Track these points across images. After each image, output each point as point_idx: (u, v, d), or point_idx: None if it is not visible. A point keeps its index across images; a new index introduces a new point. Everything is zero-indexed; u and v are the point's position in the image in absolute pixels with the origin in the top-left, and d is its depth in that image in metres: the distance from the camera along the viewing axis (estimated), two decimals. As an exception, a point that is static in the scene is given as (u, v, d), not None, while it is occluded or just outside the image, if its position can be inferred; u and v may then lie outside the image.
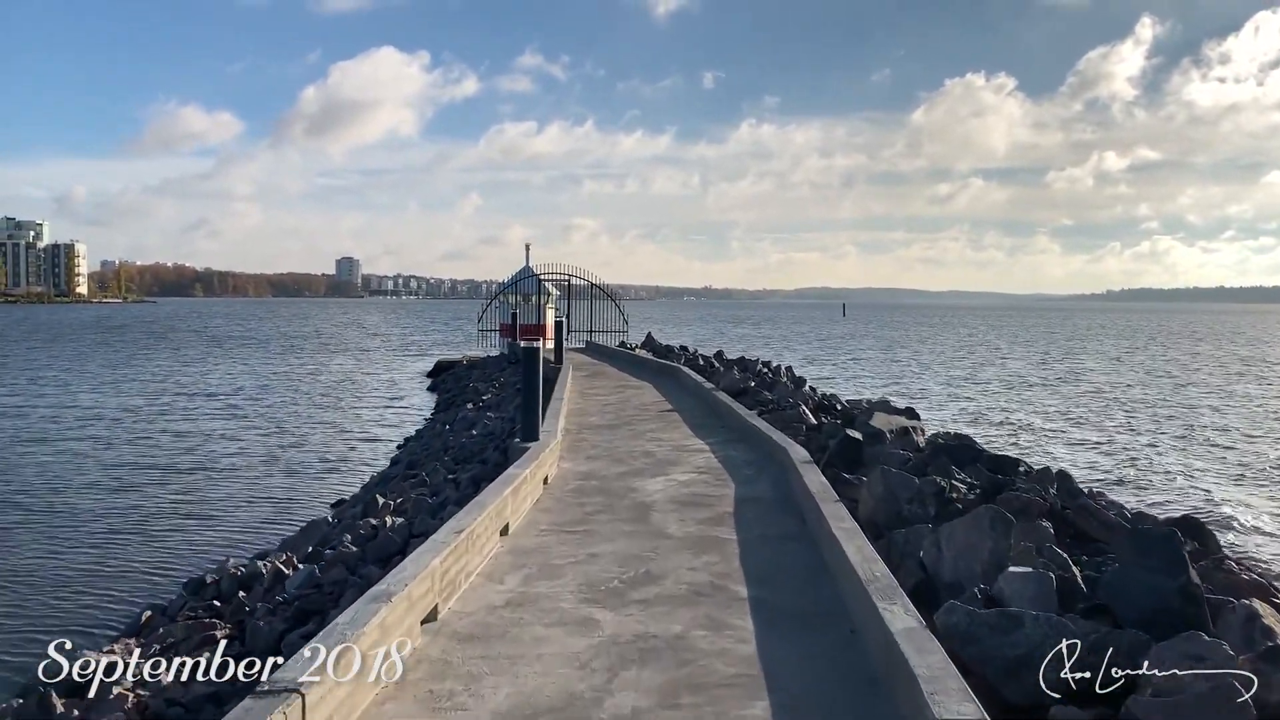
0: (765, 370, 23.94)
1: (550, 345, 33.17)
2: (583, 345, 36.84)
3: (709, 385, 18.54)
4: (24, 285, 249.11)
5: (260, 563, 10.26)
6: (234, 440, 25.16)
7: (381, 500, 12.20)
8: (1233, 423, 29.06)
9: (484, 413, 19.80)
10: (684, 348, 33.15)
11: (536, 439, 11.07)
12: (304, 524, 13.06)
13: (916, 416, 12.15)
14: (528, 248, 40.31)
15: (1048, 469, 9.96)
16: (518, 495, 8.52)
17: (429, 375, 39.48)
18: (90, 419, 29.10)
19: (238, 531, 15.29)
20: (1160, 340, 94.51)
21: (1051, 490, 8.73)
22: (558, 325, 25.26)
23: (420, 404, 32.52)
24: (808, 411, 14.23)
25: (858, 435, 10.90)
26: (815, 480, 8.91)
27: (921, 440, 11.40)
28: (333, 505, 15.46)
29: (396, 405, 33.29)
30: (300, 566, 9.55)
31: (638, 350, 30.93)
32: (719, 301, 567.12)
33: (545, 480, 10.18)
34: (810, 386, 20.33)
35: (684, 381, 21.14)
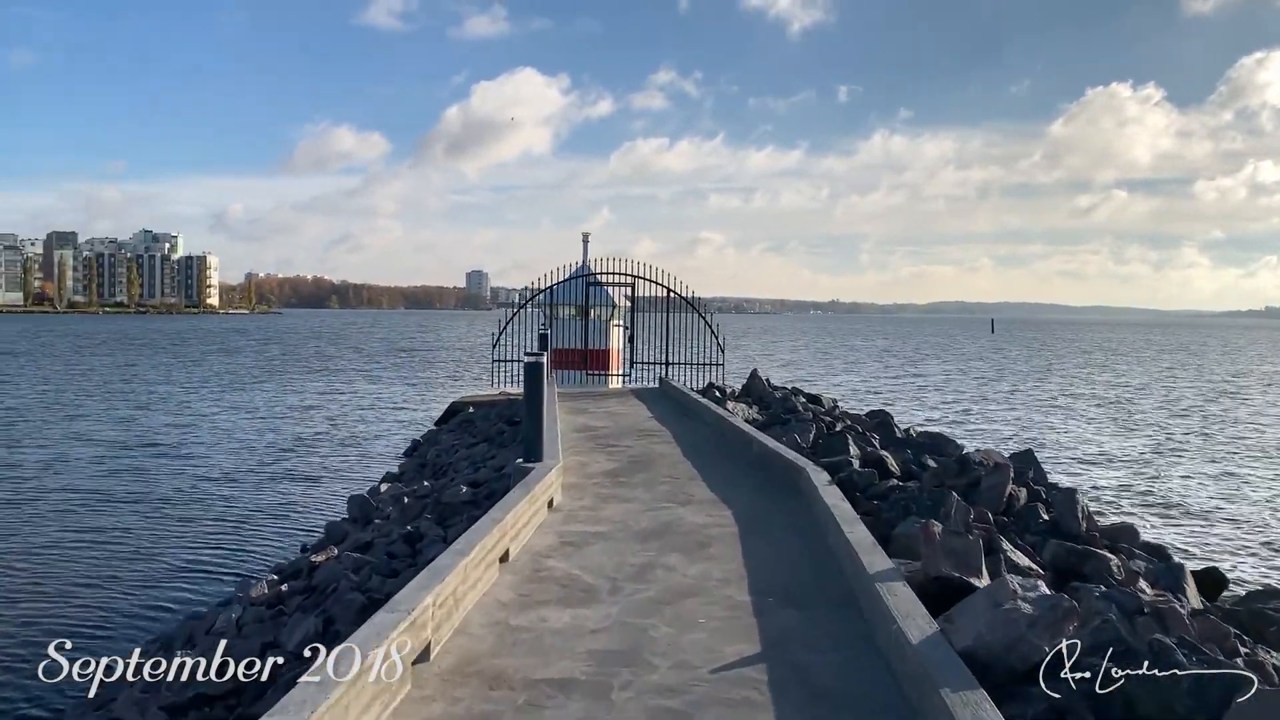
0: (1055, 517, 8.99)
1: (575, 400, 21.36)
2: (655, 385, 23.74)
3: (914, 617, 5.24)
4: (159, 296, 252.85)
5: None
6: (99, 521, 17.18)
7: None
8: None
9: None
10: (814, 400, 19.25)
11: None
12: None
13: None
14: (585, 239, 27.27)
15: None
16: None
17: (438, 423, 26.79)
18: None
19: None
20: None
21: None
22: (531, 368, 10.98)
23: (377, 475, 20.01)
24: None
25: None
26: None
27: None
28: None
29: (350, 477, 21.07)
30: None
31: (731, 404, 17.36)
32: (846, 316, 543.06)
33: None
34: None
35: (829, 536, 7.95)
